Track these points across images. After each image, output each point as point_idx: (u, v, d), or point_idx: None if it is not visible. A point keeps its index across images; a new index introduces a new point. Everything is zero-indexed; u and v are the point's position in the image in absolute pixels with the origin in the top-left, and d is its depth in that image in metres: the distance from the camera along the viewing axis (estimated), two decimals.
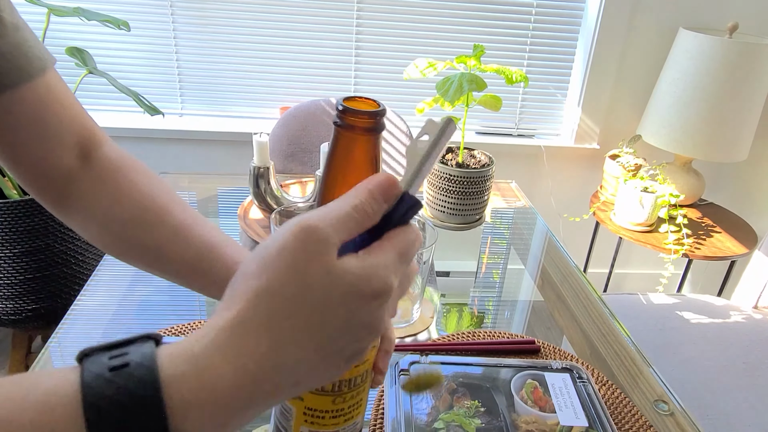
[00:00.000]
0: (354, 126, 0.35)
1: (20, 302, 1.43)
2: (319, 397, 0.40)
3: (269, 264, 0.29)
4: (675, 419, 0.67)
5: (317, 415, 0.41)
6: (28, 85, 0.46)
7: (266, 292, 0.28)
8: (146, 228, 0.52)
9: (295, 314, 0.28)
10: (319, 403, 0.40)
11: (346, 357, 0.30)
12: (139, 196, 0.52)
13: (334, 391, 0.40)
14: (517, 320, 0.85)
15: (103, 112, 1.84)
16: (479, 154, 1.08)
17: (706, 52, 1.57)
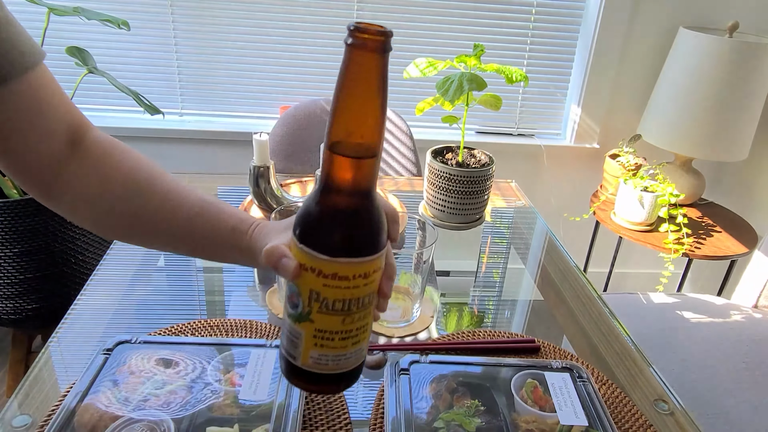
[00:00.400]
0: (364, 43, 0.37)
1: (20, 302, 1.43)
2: (329, 317, 0.41)
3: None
4: (675, 418, 0.67)
5: (327, 337, 0.42)
6: (21, 79, 0.48)
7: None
8: (138, 196, 0.54)
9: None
10: (329, 324, 0.41)
11: None
12: (127, 171, 0.55)
13: (344, 311, 0.41)
14: (517, 320, 0.85)
15: (103, 111, 1.84)
16: (479, 154, 1.08)
17: (706, 52, 1.57)
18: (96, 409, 0.55)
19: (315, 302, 0.41)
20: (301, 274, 0.41)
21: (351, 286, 0.41)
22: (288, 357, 0.44)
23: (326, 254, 0.40)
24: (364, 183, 0.40)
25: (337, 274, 0.40)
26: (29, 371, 0.66)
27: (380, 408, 0.64)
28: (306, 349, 0.43)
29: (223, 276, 0.90)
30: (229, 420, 0.55)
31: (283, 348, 0.44)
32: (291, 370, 0.44)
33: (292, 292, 0.42)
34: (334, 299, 0.41)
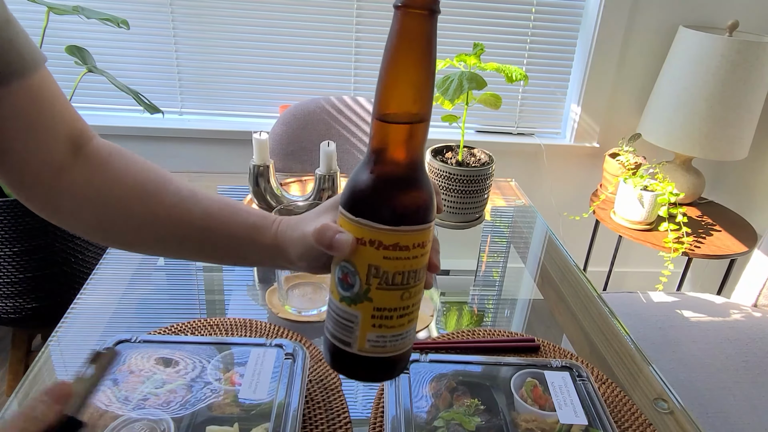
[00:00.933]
0: (414, 5, 0.37)
1: (20, 301, 1.43)
2: (388, 293, 0.41)
3: None
4: (674, 417, 0.67)
5: (385, 315, 0.41)
6: (21, 82, 0.46)
7: None
8: (148, 198, 0.51)
9: None
10: (388, 301, 0.41)
11: None
12: (134, 173, 0.52)
13: (403, 285, 0.41)
14: (517, 319, 0.85)
15: (103, 110, 1.84)
16: (479, 153, 1.08)
17: (706, 51, 1.57)
18: (96, 409, 0.55)
19: (374, 278, 0.40)
20: (359, 250, 0.40)
21: (410, 256, 0.40)
22: (340, 345, 0.43)
23: (387, 224, 0.39)
24: (418, 149, 0.40)
25: (398, 244, 0.40)
26: (29, 370, 0.66)
27: (380, 407, 0.64)
28: (363, 331, 0.42)
29: (223, 275, 0.90)
30: (228, 419, 0.55)
31: (333, 337, 0.43)
32: (344, 359, 0.43)
33: (347, 272, 0.41)
34: (395, 272, 0.40)
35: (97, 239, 0.54)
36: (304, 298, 0.80)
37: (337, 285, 0.42)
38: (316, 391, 0.65)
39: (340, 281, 0.42)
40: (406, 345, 0.44)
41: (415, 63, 0.38)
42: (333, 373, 0.68)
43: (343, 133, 1.53)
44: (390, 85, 0.39)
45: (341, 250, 0.41)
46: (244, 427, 0.54)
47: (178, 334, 0.73)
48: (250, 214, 0.52)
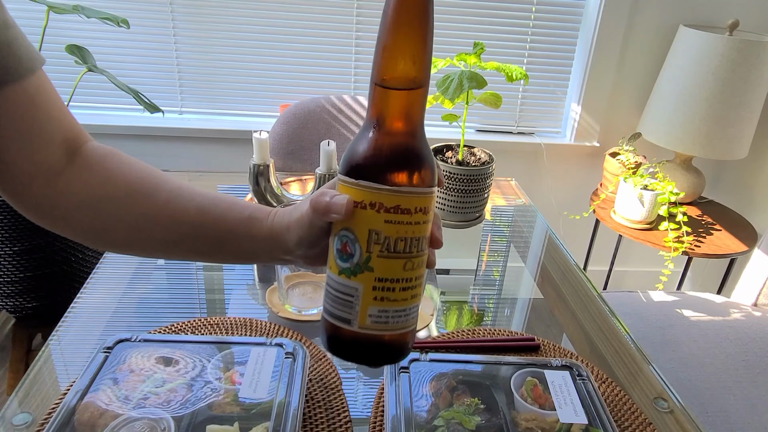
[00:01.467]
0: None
1: (20, 300, 1.44)
2: (390, 261, 0.40)
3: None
4: (674, 416, 0.67)
5: (388, 287, 0.40)
6: (18, 84, 0.46)
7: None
8: (143, 198, 0.51)
9: None
10: (390, 270, 0.40)
11: None
12: (130, 173, 0.52)
13: (405, 253, 0.40)
14: (517, 318, 0.85)
15: (103, 110, 1.84)
16: (479, 152, 1.08)
17: (706, 50, 1.57)
18: (96, 408, 0.55)
19: (375, 244, 0.39)
20: (358, 214, 0.39)
21: (413, 221, 0.39)
22: (339, 323, 0.41)
23: (388, 184, 0.39)
24: (418, 113, 0.40)
25: (399, 206, 0.39)
26: (29, 369, 0.66)
27: (380, 406, 0.64)
28: (364, 306, 0.40)
29: (223, 274, 0.90)
30: (229, 418, 0.55)
31: (332, 316, 0.41)
32: (343, 339, 0.41)
33: (346, 240, 0.40)
34: (397, 237, 0.39)
35: (90, 242, 0.53)
36: (304, 297, 0.80)
37: (335, 257, 0.41)
38: (316, 390, 0.65)
39: (339, 252, 0.40)
40: (409, 324, 0.43)
41: (414, 27, 0.38)
42: (333, 373, 0.68)
43: (344, 132, 1.53)
44: (391, 51, 0.38)
45: (339, 211, 0.40)
46: (244, 426, 0.54)
47: (179, 333, 0.73)
48: (245, 207, 0.52)
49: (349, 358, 0.42)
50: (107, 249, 0.54)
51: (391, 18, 0.38)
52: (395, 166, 0.39)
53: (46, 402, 0.62)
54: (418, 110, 0.40)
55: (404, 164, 0.40)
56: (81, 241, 0.53)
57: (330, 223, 0.42)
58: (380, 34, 0.38)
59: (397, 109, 0.40)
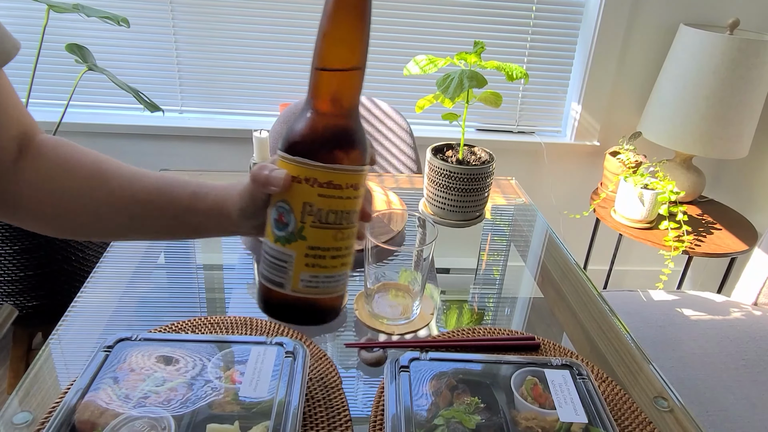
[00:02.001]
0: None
1: (21, 299, 1.44)
2: (322, 231, 0.44)
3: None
4: (674, 416, 0.67)
5: (319, 254, 0.44)
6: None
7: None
8: (99, 182, 0.53)
9: None
10: (322, 239, 0.44)
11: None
12: (83, 160, 0.54)
13: (336, 224, 0.44)
14: (517, 317, 0.85)
15: (103, 108, 1.84)
16: (479, 151, 1.08)
17: (706, 49, 1.57)
18: (96, 407, 0.55)
19: (309, 215, 0.43)
20: (294, 188, 0.43)
21: (344, 196, 0.44)
22: (273, 286, 0.45)
23: (322, 161, 0.42)
24: (354, 96, 0.44)
25: (332, 182, 0.43)
26: (30, 368, 0.66)
27: (380, 405, 0.64)
28: (297, 271, 0.44)
29: (224, 273, 0.90)
30: (229, 417, 0.55)
31: (267, 280, 0.45)
32: (277, 301, 0.45)
33: (283, 211, 0.44)
34: (328, 210, 0.43)
35: (49, 230, 0.55)
36: None
37: (272, 227, 0.45)
38: (316, 389, 0.65)
39: (276, 221, 0.45)
40: (338, 290, 0.46)
41: (347, 15, 0.41)
42: (334, 372, 0.68)
43: None
44: (331, 38, 0.43)
45: (277, 184, 0.43)
46: (244, 425, 0.54)
47: (179, 332, 0.73)
48: (188, 184, 0.55)
49: (282, 319, 0.46)
50: (66, 236, 0.57)
51: (327, 7, 0.41)
52: (329, 145, 0.43)
53: (47, 401, 0.62)
54: (353, 93, 0.44)
55: (337, 143, 0.43)
56: (39, 229, 0.55)
57: (269, 195, 0.46)
58: (320, 21, 0.42)
59: (332, 92, 0.43)
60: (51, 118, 1.73)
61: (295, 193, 0.43)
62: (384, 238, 0.97)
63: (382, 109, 1.53)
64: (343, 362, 0.71)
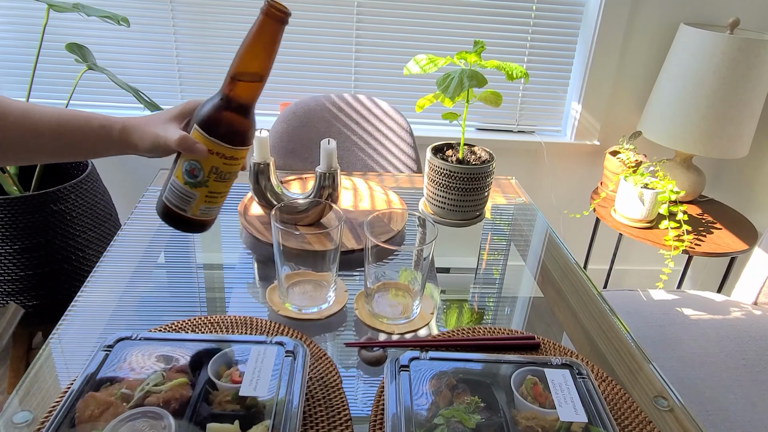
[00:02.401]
0: (276, 16, 0.58)
1: (21, 298, 1.44)
2: (220, 183, 0.65)
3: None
4: (674, 415, 0.67)
5: (213, 196, 0.66)
6: None
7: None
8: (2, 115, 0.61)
9: None
10: (218, 188, 0.66)
11: None
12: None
13: (227, 179, 0.66)
14: (517, 316, 0.85)
15: (103, 108, 1.84)
16: (479, 151, 1.08)
17: (707, 48, 1.57)
18: (96, 406, 0.55)
19: (213, 173, 0.64)
20: (207, 156, 0.63)
21: (237, 163, 0.65)
22: (178, 210, 0.65)
23: (230, 144, 0.63)
24: (255, 99, 0.63)
25: (233, 156, 0.64)
26: (30, 368, 0.67)
27: (380, 404, 0.64)
28: (197, 204, 0.65)
29: (224, 273, 0.90)
30: (229, 416, 0.55)
31: (172, 205, 0.65)
32: (178, 219, 0.66)
33: (194, 167, 0.63)
34: (227, 172, 0.65)
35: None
36: (304, 295, 0.80)
37: (183, 173, 0.64)
38: (316, 388, 0.65)
39: (188, 172, 0.64)
40: (216, 214, 0.69)
41: (265, 49, 0.59)
42: (334, 371, 0.68)
43: (344, 130, 1.53)
44: (247, 58, 0.60)
45: (196, 155, 0.62)
46: (244, 424, 0.54)
47: (179, 331, 0.73)
48: (96, 116, 0.66)
49: (179, 229, 0.67)
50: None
51: (252, 36, 0.59)
52: (236, 134, 0.63)
53: (47, 400, 0.62)
54: (256, 97, 0.63)
55: (242, 133, 0.63)
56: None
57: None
58: (245, 43, 0.59)
59: (247, 96, 0.62)
60: None
61: (207, 159, 0.63)
62: (384, 238, 0.97)
63: (382, 109, 1.53)
64: (343, 362, 0.71)
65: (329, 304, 0.80)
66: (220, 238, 0.99)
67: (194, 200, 0.64)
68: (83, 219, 1.48)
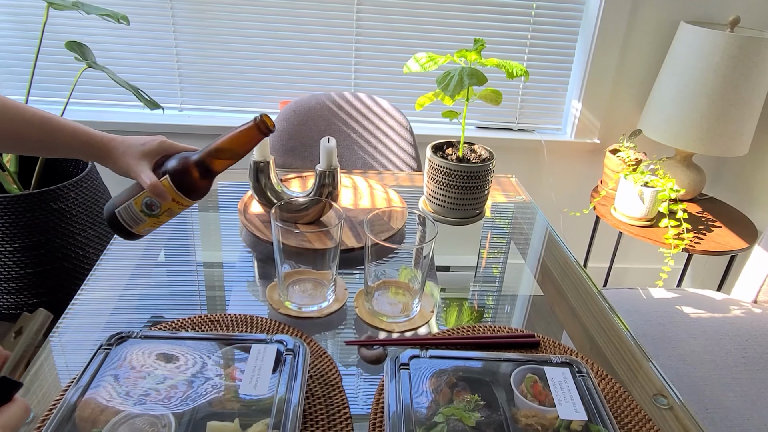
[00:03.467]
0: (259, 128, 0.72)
1: (21, 297, 1.44)
2: (166, 217, 0.77)
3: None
4: (674, 413, 0.67)
5: (158, 223, 0.78)
6: None
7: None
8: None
9: None
10: (164, 219, 0.78)
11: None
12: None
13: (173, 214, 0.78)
14: (517, 315, 0.85)
15: (103, 106, 1.84)
16: (479, 149, 1.08)
17: (707, 47, 1.57)
18: (97, 404, 0.55)
19: (166, 212, 0.76)
20: (168, 201, 0.74)
21: (185, 207, 0.77)
22: (125, 225, 0.76)
23: (188, 197, 0.75)
24: (221, 170, 0.75)
25: (186, 204, 0.76)
26: (30, 365, 0.67)
27: (380, 403, 0.64)
28: (144, 226, 0.77)
29: (224, 271, 0.90)
30: (229, 415, 0.55)
31: (123, 220, 0.76)
32: (124, 231, 0.77)
33: (154, 204, 0.74)
34: (176, 211, 0.77)
35: None
36: (304, 294, 0.80)
37: (142, 204, 0.74)
38: (316, 386, 0.65)
39: (147, 205, 0.74)
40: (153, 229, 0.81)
41: (244, 143, 0.73)
42: (334, 369, 0.68)
43: (344, 129, 1.53)
44: (226, 146, 0.73)
45: (163, 201, 0.74)
46: (244, 422, 0.54)
47: (179, 329, 0.73)
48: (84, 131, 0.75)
49: (118, 235, 0.79)
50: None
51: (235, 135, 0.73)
52: (197, 192, 0.76)
53: (47, 398, 0.62)
54: (223, 170, 0.75)
55: (203, 191, 0.76)
56: None
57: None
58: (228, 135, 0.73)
59: (216, 168, 0.74)
60: None
61: (167, 202, 0.74)
62: (384, 236, 0.97)
63: (382, 107, 1.53)
64: (343, 360, 0.72)
65: (329, 302, 0.80)
66: (220, 236, 0.99)
67: (143, 224, 0.76)
68: (83, 217, 1.48)
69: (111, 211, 0.76)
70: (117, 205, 0.75)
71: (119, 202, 0.76)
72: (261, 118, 0.70)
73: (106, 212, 0.77)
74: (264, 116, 0.71)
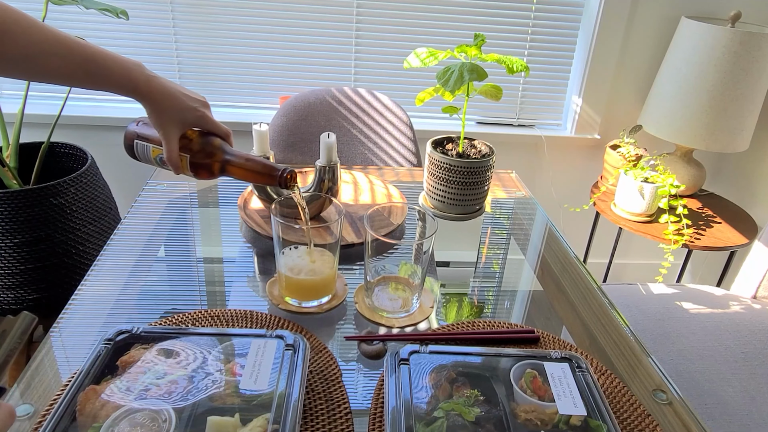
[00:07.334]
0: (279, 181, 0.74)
1: (21, 292, 1.44)
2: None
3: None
4: (673, 408, 0.67)
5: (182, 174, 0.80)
6: None
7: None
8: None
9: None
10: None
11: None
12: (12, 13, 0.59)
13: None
14: (517, 310, 0.85)
15: (101, 102, 1.84)
16: (479, 144, 1.08)
17: (708, 42, 1.56)
18: (97, 399, 0.55)
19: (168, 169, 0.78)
20: (180, 172, 0.77)
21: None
22: (137, 158, 0.80)
23: (197, 177, 0.77)
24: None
25: (195, 179, 0.86)
26: (31, 361, 0.67)
27: (380, 398, 0.64)
28: (151, 166, 0.86)
29: (224, 267, 0.90)
30: (230, 409, 0.55)
31: (138, 154, 0.79)
32: (134, 158, 0.80)
33: (165, 162, 0.76)
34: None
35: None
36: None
37: (158, 157, 0.77)
38: (316, 382, 0.66)
39: (161, 160, 0.77)
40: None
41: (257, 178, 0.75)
42: (334, 365, 0.69)
43: (344, 124, 1.53)
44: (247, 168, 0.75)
45: (176, 171, 0.76)
46: (244, 417, 0.54)
47: (179, 325, 0.73)
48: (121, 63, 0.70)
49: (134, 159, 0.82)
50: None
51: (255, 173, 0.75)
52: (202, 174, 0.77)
53: (48, 393, 0.62)
54: (233, 178, 0.78)
55: (208, 179, 0.79)
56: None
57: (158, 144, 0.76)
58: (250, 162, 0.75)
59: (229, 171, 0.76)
60: (50, 111, 1.73)
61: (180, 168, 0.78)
62: (384, 232, 0.97)
63: (382, 102, 1.53)
64: (343, 355, 0.72)
65: (329, 297, 0.80)
66: (220, 232, 0.99)
67: (152, 165, 0.80)
68: (83, 212, 1.48)
69: (132, 139, 0.78)
70: (139, 138, 0.78)
71: (142, 136, 0.78)
72: (287, 175, 0.73)
73: (127, 134, 0.79)
74: (292, 175, 0.73)
